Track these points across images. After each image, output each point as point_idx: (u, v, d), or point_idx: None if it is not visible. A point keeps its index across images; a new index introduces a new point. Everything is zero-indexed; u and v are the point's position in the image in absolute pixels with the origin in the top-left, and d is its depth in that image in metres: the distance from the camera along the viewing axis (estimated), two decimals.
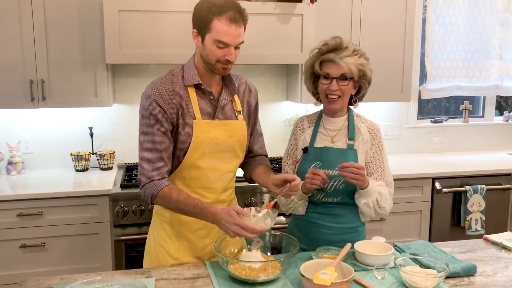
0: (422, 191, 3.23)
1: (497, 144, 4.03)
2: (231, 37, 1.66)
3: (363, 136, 1.91)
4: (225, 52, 1.68)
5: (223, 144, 1.81)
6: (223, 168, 1.83)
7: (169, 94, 1.73)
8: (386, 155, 1.96)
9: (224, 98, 1.83)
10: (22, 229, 2.69)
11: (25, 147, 3.19)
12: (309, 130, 1.97)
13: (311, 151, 1.92)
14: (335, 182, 1.87)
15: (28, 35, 2.80)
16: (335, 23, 3.17)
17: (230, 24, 1.65)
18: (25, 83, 2.83)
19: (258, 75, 3.46)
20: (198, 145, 1.76)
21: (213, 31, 1.65)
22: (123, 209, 2.71)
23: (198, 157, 1.77)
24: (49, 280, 1.63)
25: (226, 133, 1.81)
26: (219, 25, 1.64)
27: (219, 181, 1.84)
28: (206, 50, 1.70)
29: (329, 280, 1.41)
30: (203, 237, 1.85)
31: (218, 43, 1.66)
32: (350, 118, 1.94)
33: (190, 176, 1.80)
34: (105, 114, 3.28)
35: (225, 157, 1.84)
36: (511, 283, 1.60)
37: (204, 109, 1.79)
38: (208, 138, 1.77)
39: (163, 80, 1.77)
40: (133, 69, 3.26)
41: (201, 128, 1.76)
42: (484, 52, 3.84)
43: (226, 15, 1.64)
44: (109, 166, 3.24)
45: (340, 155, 1.88)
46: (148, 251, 1.93)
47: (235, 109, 1.87)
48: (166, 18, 2.76)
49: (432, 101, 4.07)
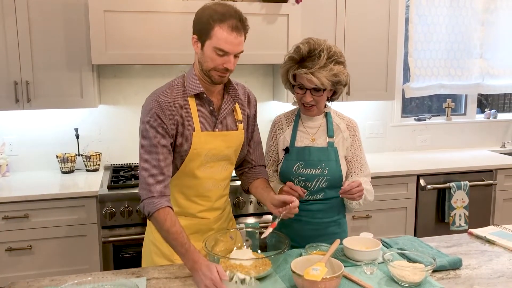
0: (407, 188, 3.28)
1: (479, 141, 4.11)
2: (231, 45, 1.65)
3: (343, 134, 1.94)
4: (224, 60, 1.67)
5: (220, 154, 1.81)
6: (218, 176, 1.84)
7: (169, 107, 1.71)
8: (363, 148, 2.00)
9: (225, 108, 1.81)
10: (8, 232, 2.66)
11: (10, 149, 3.16)
12: (288, 130, 1.99)
13: (292, 150, 1.94)
14: (318, 181, 1.90)
15: (11, 36, 2.77)
16: (320, 23, 3.20)
17: (231, 32, 1.63)
18: (9, 84, 2.80)
19: (244, 75, 3.47)
20: (195, 156, 1.76)
21: (213, 38, 1.64)
22: (111, 210, 2.70)
23: (195, 167, 1.78)
24: (39, 281, 1.62)
25: (224, 143, 1.81)
26: (220, 33, 1.63)
27: (214, 189, 1.85)
28: (204, 56, 1.69)
29: (319, 276, 1.43)
30: (197, 241, 1.84)
31: (218, 51, 1.65)
32: (328, 115, 1.96)
33: (186, 184, 1.81)
34: (91, 115, 3.26)
35: (221, 165, 1.84)
36: (495, 275, 1.64)
37: (204, 119, 1.78)
38: (206, 150, 1.76)
39: (163, 92, 1.74)
40: (118, 70, 3.25)
41: (200, 140, 1.75)
42: (466, 51, 3.91)
43: (228, 23, 1.63)
44: (95, 168, 3.22)
45: (321, 154, 1.91)
46: (144, 254, 1.94)
47: (236, 119, 1.86)
48: (151, 18, 2.76)
49: (415, 99, 4.13)
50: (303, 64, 1.80)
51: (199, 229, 1.85)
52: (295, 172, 1.92)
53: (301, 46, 1.82)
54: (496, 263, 1.74)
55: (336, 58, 1.82)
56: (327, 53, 1.79)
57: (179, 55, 2.80)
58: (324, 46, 1.81)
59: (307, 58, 1.80)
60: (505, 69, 4.03)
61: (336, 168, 1.91)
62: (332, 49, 1.82)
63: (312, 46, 1.81)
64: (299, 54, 1.82)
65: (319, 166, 1.90)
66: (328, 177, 1.90)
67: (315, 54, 1.79)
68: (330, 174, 1.90)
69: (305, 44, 1.82)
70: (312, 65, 1.78)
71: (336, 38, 3.26)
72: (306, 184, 1.92)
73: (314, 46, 1.81)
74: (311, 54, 1.80)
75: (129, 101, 3.30)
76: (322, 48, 1.80)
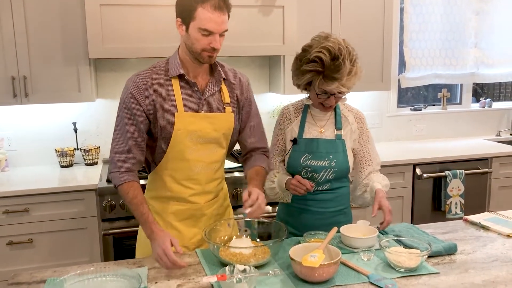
0: (403, 177, 3.31)
1: (474, 130, 4.14)
2: (215, 24, 1.67)
3: (351, 126, 1.96)
4: (210, 40, 1.69)
5: (207, 136, 1.82)
6: (207, 159, 1.85)
7: (146, 87, 1.75)
8: (372, 139, 2.03)
9: (209, 89, 1.82)
10: (9, 226, 2.68)
11: (8, 145, 3.17)
12: (296, 121, 1.99)
13: (300, 142, 1.95)
14: (325, 172, 1.92)
15: (8, 31, 2.78)
16: (315, 14, 3.22)
17: (214, 11, 1.66)
18: (7, 79, 2.81)
19: (241, 67, 3.42)
20: (180, 137, 1.78)
21: (197, 19, 1.66)
22: (110, 203, 2.72)
23: (181, 149, 1.80)
24: (41, 273, 1.65)
25: (211, 125, 1.82)
26: (203, 13, 1.65)
27: (203, 172, 1.85)
28: (191, 38, 1.71)
29: (317, 262, 1.46)
30: (191, 227, 1.89)
31: (202, 31, 1.67)
32: (336, 107, 1.98)
33: (174, 167, 1.83)
34: (89, 109, 3.28)
35: (209, 148, 1.84)
36: (489, 259, 1.67)
37: (188, 101, 1.79)
38: (189, 131, 1.78)
39: (143, 73, 1.79)
40: (115, 64, 3.26)
41: (183, 120, 1.77)
42: (460, 41, 3.94)
43: (210, 2, 1.65)
44: (94, 161, 3.24)
45: (329, 146, 1.93)
46: (139, 241, 1.95)
47: (223, 101, 1.86)
48: (147, 12, 2.77)
49: (411, 89, 4.15)
50: (330, 75, 1.75)
51: (191, 214, 1.87)
52: (303, 164, 1.93)
53: (323, 57, 1.75)
54: (491, 248, 1.77)
55: (355, 58, 1.80)
56: (349, 58, 1.76)
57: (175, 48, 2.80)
58: (344, 51, 1.75)
59: (331, 67, 1.74)
60: (499, 58, 4.06)
61: (343, 160, 1.93)
62: (349, 51, 1.78)
63: (333, 53, 1.75)
64: (323, 66, 1.76)
65: (327, 158, 1.91)
66: (335, 169, 1.92)
67: (340, 64, 1.74)
68: (337, 166, 1.92)
69: (325, 53, 1.75)
70: (339, 75, 1.74)
71: (331, 29, 3.27)
72: (314, 175, 1.93)
73: (335, 53, 1.75)
74: (335, 63, 1.74)
75: None
76: (344, 54, 1.74)
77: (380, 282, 1.50)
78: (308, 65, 1.79)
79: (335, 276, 1.54)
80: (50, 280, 1.57)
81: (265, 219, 1.88)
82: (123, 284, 1.49)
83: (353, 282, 1.52)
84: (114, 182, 1.78)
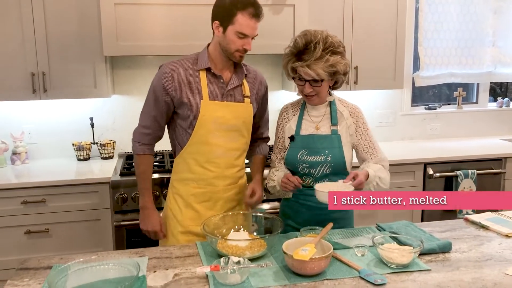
0: (414, 176, 3.31)
1: (490, 130, 4.09)
2: (251, 30, 1.91)
3: (346, 121, 1.99)
4: (243, 42, 1.92)
5: (228, 123, 2.01)
6: (227, 145, 2.03)
7: (175, 74, 1.98)
8: (372, 133, 2.04)
9: (233, 82, 2.04)
10: (27, 216, 2.81)
11: (29, 138, 3.31)
12: (294, 118, 2.05)
13: (297, 139, 2.01)
14: (322, 167, 1.96)
15: (28, 29, 2.90)
16: (327, 12, 3.24)
17: (251, 18, 1.89)
18: (27, 75, 2.94)
19: (253, 65, 3.45)
20: (203, 123, 1.98)
21: (236, 24, 1.89)
22: (123, 195, 2.81)
23: (204, 133, 1.99)
24: (49, 259, 1.74)
25: (232, 113, 2.01)
26: (242, 19, 1.88)
27: (223, 157, 2.03)
28: (226, 39, 1.93)
29: (307, 256, 1.51)
30: (209, 209, 2.06)
31: (239, 34, 1.90)
32: (332, 103, 2.01)
33: (198, 150, 2.02)
34: (105, 105, 3.38)
35: (230, 136, 2.03)
36: (483, 258, 1.68)
37: (213, 91, 2.01)
38: (213, 117, 1.98)
39: (175, 61, 2.03)
40: (131, 61, 3.35)
41: (208, 107, 1.97)
42: (478, 39, 3.89)
43: (248, 10, 1.88)
44: (109, 155, 3.34)
45: (324, 141, 1.97)
46: (164, 219, 2.15)
47: (244, 93, 2.07)
48: (160, 10, 2.85)
49: (432, 88, 4.13)
50: (301, 57, 1.86)
51: (210, 197, 2.06)
52: (299, 159, 1.99)
53: (298, 39, 1.88)
54: (487, 247, 1.78)
55: (332, 49, 1.86)
56: (323, 45, 1.84)
57: (188, 46, 2.85)
58: (320, 37, 1.85)
59: (304, 50, 1.86)
60: None
61: (339, 155, 1.96)
62: (328, 40, 1.86)
63: (309, 38, 1.85)
64: (296, 48, 1.88)
65: (322, 153, 1.96)
66: (331, 164, 1.96)
67: (311, 47, 1.84)
68: (333, 160, 1.96)
69: (302, 37, 1.88)
70: (308, 57, 1.84)
71: (344, 27, 3.30)
72: (310, 170, 1.98)
73: (310, 38, 1.85)
74: (307, 47, 1.85)
75: (141, 91, 3.37)
76: (318, 40, 1.84)
77: (369, 277, 1.53)
78: (287, 48, 1.95)
79: (327, 270, 1.58)
80: (56, 267, 1.66)
81: (269, 215, 1.94)
82: (123, 272, 1.56)
83: (344, 276, 1.56)
84: (134, 148, 2.10)
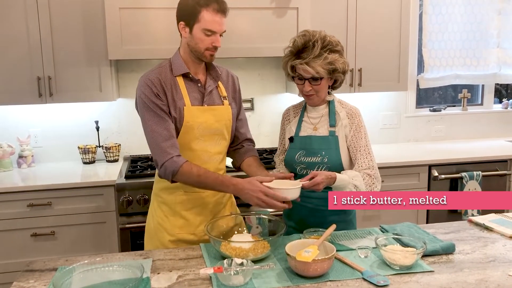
0: (418, 178, 3.30)
1: (496, 131, 4.07)
2: (218, 25, 1.87)
3: (342, 121, 2.00)
4: (212, 39, 1.87)
5: (211, 128, 1.97)
6: (212, 149, 2.00)
7: (159, 82, 1.90)
8: (367, 138, 2.00)
9: (210, 84, 2.01)
10: (33, 218, 2.83)
11: (35, 141, 3.34)
12: (294, 120, 2.08)
13: (296, 140, 2.03)
14: (319, 169, 1.96)
15: (34, 34, 2.93)
16: (331, 14, 3.25)
17: (216, 14, 1.85)
18: (33, 80, 2.97)
19: (258, 68, 3.55)
20: (189, 129, 1.93)
21: (201, 21, 1.85)
22: (128, 198, 2.83)
23: (190, 140, 1.94)
24: (54, 261, 1.76)
25: (214, 117, 1.98)
26: (207, 15, 1.84)
27: (210, 162, 1.99)
28: (194, 39, 1.88)
29: (310, 257, 1.51)
30: (198, 215, 2.01)
31: (206, 32, 1.86)
32: (331, 105, 2.02)
33: (184, 157, 1.92)
34: (110, 108, 3.41)
35: (214, 140, 2.00)
36: (487, 259, 1.68)
37: (193, 96, 1.96)
38: (197, 123, 1.94)
39: (152, 72, 1.95)
40: (136, 65, 3.38)
41: (191, 114, 1.93)
42: (482, 41, 3.88)
43: (212, 6, 1.84)
44: (115, 158, 3.36)
45: (322, 142, 1.98)
46: (148, 231, 2.08)
47: (221, 95, 2.04)
48: (165, 14, 2.86)
49: (438, 90, 4.12)
50: (300, 55, 1.89)
51: (197, 203, 2.00)
52: (297, 160, 2.00)
53: (297, 39, 1.91)
54: (491, 249, 1.78)
55: (331, 47, 1.89)
56: (321, 43, 1.87)
57: None
58: (318, 36, 1.88)
59: (303, 49, 1.89)
60: None
61: (336, 156, 1.97)
62: (326, 39, 1.89)
63: (307, 37, 1.89)
64: (295, 47, 1.91)
65: (319, 154, 1.96)
66: (328, 165, 1.96)
67: (310, 45, 1.87)
68: (330, 162, 1.96)
69: (300, 37, 1.91)
70: (307, 55, 1.87)
71: (347, 30, 3.30)
72: (308, 171, 1.97)
73: (309, 37, 1.89)
74: (306, 45, 1.88)
75: None
76: (316, 38, 1.88)
77: (372, 278, 1.53)
78: (286, 49, 1.96)
79: (330, 271, 1.59)
80: (61, 268, 1.67)
81: (273, 217, 1.95)
82: (127, 274, 1.57)
83: (347, 277, 1.56)
84: (173, 168, 1.83)
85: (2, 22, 2.90)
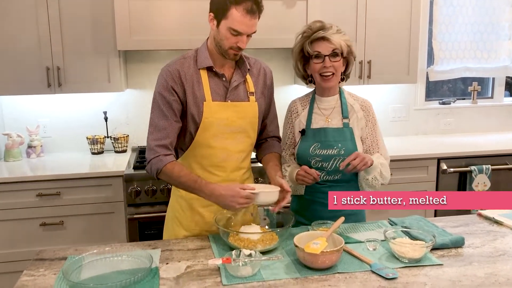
0: (427, 171, 3.28)
1: (506, 125, 4.04)
2: (245, 27, 1.76)
3: (357, 114, 1.99)
4: (237, 39, 1.78)
5: (233, 125, 1.89)
6: (233, 148, 1.92)
7: (179, 75, 1.83)
8: (380, 130, 2.04)
9: (236, 79, 1.91)
10: (42, 208, 2.85)
11: (44, 132, 3.35)
12: (303, 112, 2.05)
13: (308, 132, 2.00)
14: (335, 161, 1.95)
15: (43, 24, 2.93)
16: (340, 5, 3.22)
17: (246, 15, 1.74)
18: (42, 70, 2.98)
19: (266, 59, 3.45)
20: (207, 126, 1.86)
21: (229, 19, 1.75)
22: (136, 189, 2.84)
23: (208, 137, 1.87)
24: (64, 251, 1.77)
25: (237, 114, 1.89)
26: (235, 14, 1.73)
27: (229, 161, 1.92)
28: (220, 35, 1.80)
29: (319, 249, 1.51)
30: (214, 213, 1.94)
31: (232, 31, 1.76)
32: (342, 96, 2.01)
33: (201, 154, 1.90)
34: (119, 99, 3.41)
35: (236, 138, 1.92)
36: (496, 253, 1.67)
37: (216, 90, 1.88)
38: (218, 119, 1.86)
39: (175, 62, 1.88)
40: (145, 55, 3.37)
41: (211, 110, 1.85)
42: (493, 33, 3.84)
43: (244, 5, 1.73)
44: (123, 149, 3.38)
45: (337, 134, 1.97)
46: (166, 224, 2.08)
47: (248, 90, 1.94)
48: (174, 4, 2.86)
49: (447, 82, 4.08)
50: (317, 36, 1.90)
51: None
52: (312, 153, 1.98)
53: (312, 24, 1.94)
54: (500, 243, 1.77)
55: (344, 33, 1.95)
56: (336, 28, 1.93)
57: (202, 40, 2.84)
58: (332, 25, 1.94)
59: (317, 30, 1.91)
60: None
61: (353, 148, 1.95)
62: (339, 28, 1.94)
63: (322, 24, 1.93)
64: (312, 29, 1.92)
65: (336, 146, 1.95)
66: (344, 157, 1.93)
67: (327, 27, 1.91)
68: (347, 154, 1.93)
69: (315, 22, 1.94)
70: (325, 32, 1.89)
71: (357, 21, 3.27)
72: (323, 164, 1.97)
73: (324, 23, 1.92)
74: (322, 28, 1.91)
75: (155, 85, 3.42)
76: (330, 24, 1.93)
77: (381, 271, 1.53)
78: (299, 35, 1.97)
79: (338, 263, 1.59)
80: (71, 258, 1.69)
81: (281, 209, 1.94)
82: (136, 264, 1.59)
83: (355, 270, 1.56)
84: (157, 166, 1.80)
85: (12, 13, 2.90)
